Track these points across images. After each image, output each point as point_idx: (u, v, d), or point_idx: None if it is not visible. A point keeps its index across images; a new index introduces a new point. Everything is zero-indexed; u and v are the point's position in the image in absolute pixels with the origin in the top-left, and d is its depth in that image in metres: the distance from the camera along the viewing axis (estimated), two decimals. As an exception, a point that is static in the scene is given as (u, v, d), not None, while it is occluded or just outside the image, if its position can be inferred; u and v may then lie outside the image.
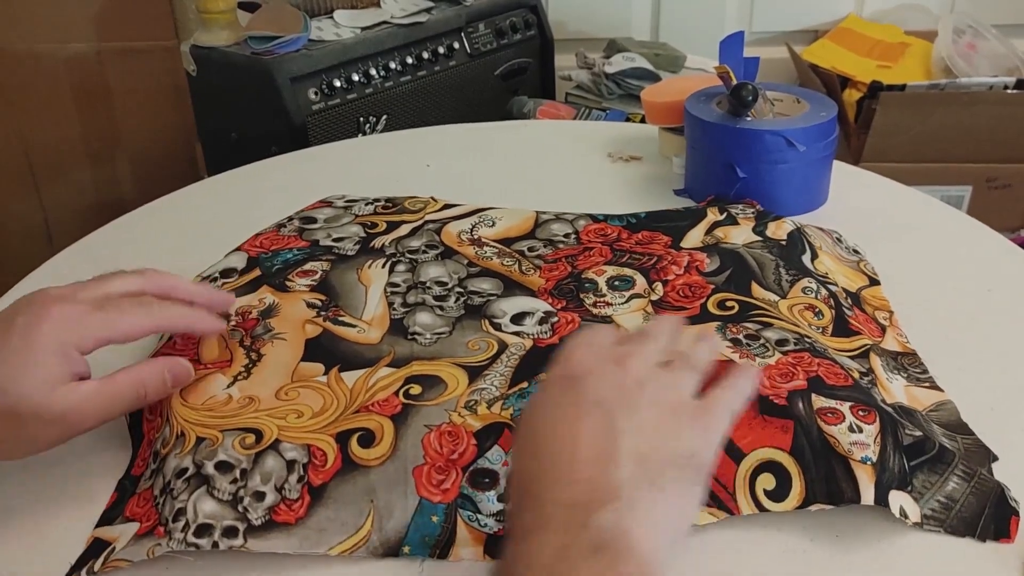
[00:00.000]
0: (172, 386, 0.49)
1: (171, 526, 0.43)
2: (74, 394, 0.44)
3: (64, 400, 0.44)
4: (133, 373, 0.47)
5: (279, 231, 0.70)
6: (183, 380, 0.50)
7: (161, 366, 0.48)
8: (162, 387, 0.48)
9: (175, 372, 0.49)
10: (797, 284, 0.59)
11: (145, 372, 0.47)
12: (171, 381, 0.49)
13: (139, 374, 0.47)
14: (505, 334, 0.56)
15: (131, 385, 0.47)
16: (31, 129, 1.73)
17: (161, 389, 0.48)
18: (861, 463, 0.44)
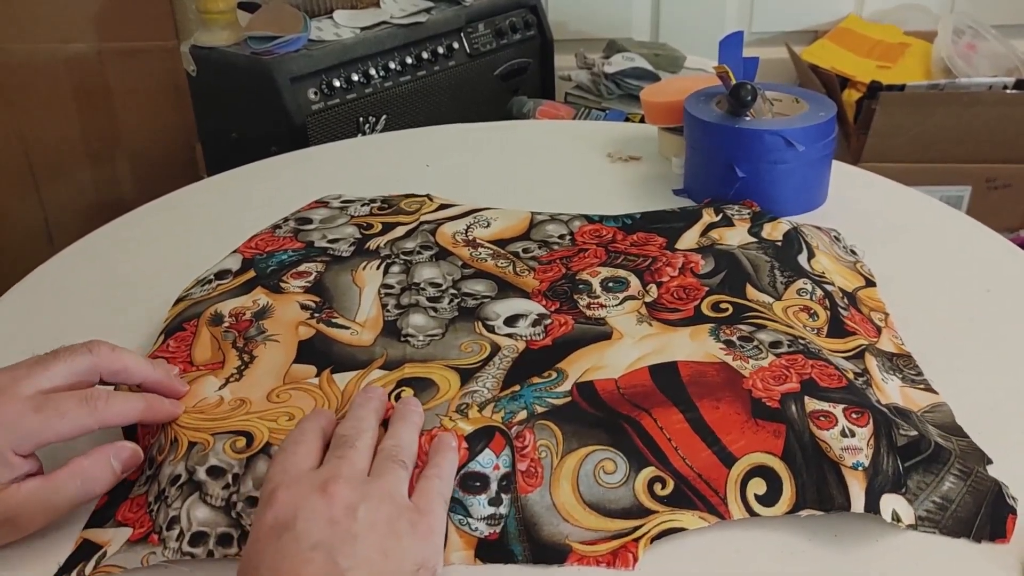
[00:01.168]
0: (122, 472, 0.46)
1: (165, 534, 0.43)
2: (13, 499, 0.42)
3: (4, 505, 0.42)
4: (76, 468, 0.45)
5: (274, 232, 0.70)
6: (132, 464, 0.47)
7: (106, 455, 0.46)
8: (110, 476, 0.46)
9: (122, 457, 0.46)
10: (792, 286, 0.59)
11: (87, 465, 0.45)
12: (119, 467, 0.46)
13: (82, 468, 0.45)
14: (498, 336, 0.55)
15: (73, 481, 0.44)
16: (31, 129, 1.73)
17: (109, 479, 0.46)
18: (852, 469, 0.44)
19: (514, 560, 0.43)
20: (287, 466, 0.42)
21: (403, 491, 0.41)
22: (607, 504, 0.45)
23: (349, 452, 0.43)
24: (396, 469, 0.42)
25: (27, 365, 0.46)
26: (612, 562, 0.43)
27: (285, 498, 0.39)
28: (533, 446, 0.46)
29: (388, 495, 0.41)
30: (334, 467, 0.41)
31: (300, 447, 0.43)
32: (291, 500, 0.39)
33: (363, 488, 0.40)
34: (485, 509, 0.44)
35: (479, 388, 0.50)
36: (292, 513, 0.39)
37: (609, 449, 0.46)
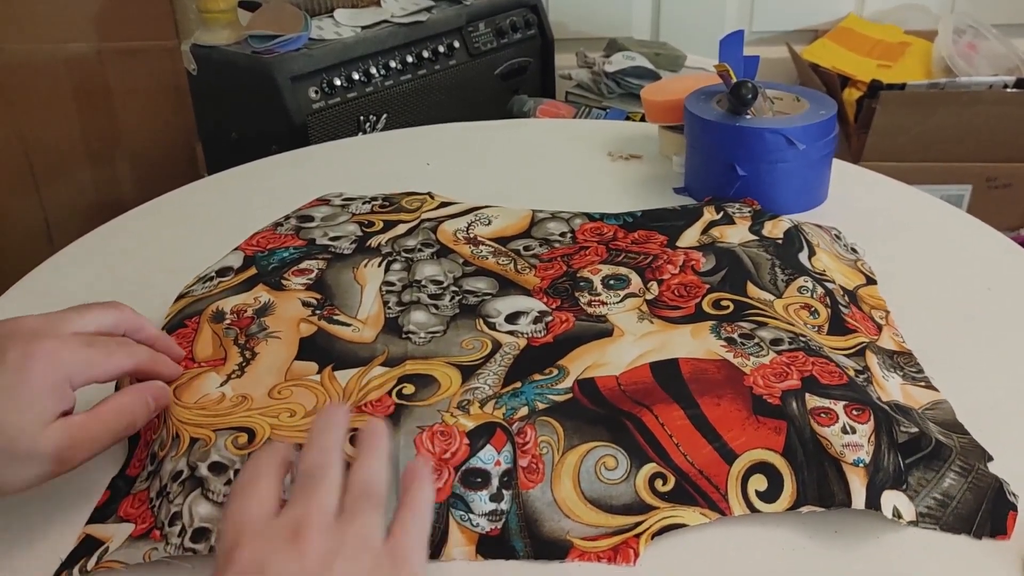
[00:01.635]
0: (154, 410, 0.48)
1: (167, 530, 0.43)
2: (64, 431, 0.43)
3: (56, 438, 0.43)
4: (117, 404, 0.46)
5: (276, 230, 0.70)
6: (163, 402, 0.49)
7: (143, 392, 0.48)
8: (147, 412, 0.47)
9: (155, 395, 0.48)
10: (793, 283, 0.59)
11: (127, 401, 0.47)
12: (153, 404, 0.48)
13: (123, 404, 0.46)
14: (499, 333, 0.55)
15: (118, 416, 0.46)
16: (31, 129, 1.73)
17: (146, 414, 0.47)
18: (853, 466, 0.44)
19: (515, 556, 0.43)
20: (246, 514, 0.37)
21: (379, 535, 0.38)
22: (608, 500, 0.45)
23: (317, 491, 0.38)
24: (369, 511, 0.38)
25: (60, 313, 0.48)
26: (613, 558, 0.43)
27: (250, 555, 0.35)
28: (534, 442, 0.46)
29: (364, 542, 0.37)
30: (302, 510, 0.37)
31: (258, 487, 0.39)
32: (256, 557, 0.35)
33: (338, 536, 0.36)
34: (486, 505, 0.44)
35: (480, 385, 0.50)
36: (259, 569, 0.35)
37: (610, 445, 0.46)
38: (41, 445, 0.42)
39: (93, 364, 0.45)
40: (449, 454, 0.45)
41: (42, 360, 0.43)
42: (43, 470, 0.43)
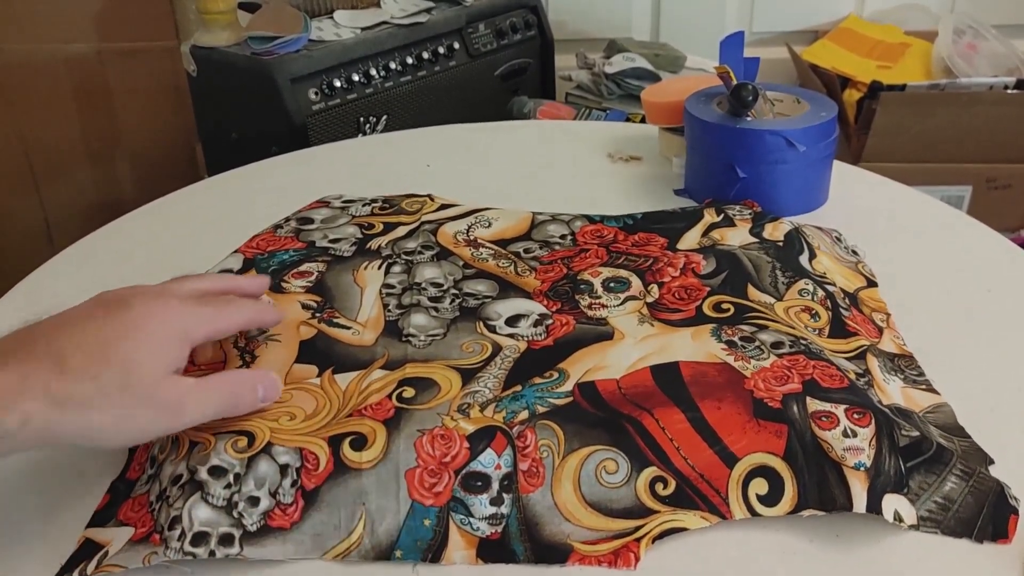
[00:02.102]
0: (262, 399, 0.48)
1: (167, 534, 0.43)
2: (179, 386, 0.44)
3: (172, 390, 0.44)
4: (228, 377, 0.48)
5: (276, 232, 0.70)
6: (272, 395, 0.48)
7: (254, 377, 0.48)
8: (253, 398, 0.47)
9: (266, 385, 0.48)
10: (794, 286, 0.59)
11: (238, 379, 0.48)
12: (261, 393, 0.48)
13: (233, 379, 0.48)
14: (499, 336, 0.55)
15: (225, 387, 0.46)
16: (31, 129, 1.73)
17: (252, 401, 0.47)
18: (854, 469, 0.44)
19: (516, 560, 0.43)
20: None
21: None
22: (609, 504, 0.45)
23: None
24: None
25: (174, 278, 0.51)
26: (614, 562, 0.43)
27: None
28: (535, 446, 0.46)
29: None
30: None
31: None
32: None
33: None
34: (487, 509, 0.44)
35: (480, 388, 0.50)
36: None
37: (611, 449, 0.46)
38: (162, 390, 0.43)
39: (209, 319, 0.47)
40: (449, 458, 0.45)
41: (164, 313, 0.45)
42: (156, 418, 0.43)
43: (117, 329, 0.43)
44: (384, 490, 0.44)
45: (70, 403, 0.40)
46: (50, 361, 0.41)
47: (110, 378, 0.41)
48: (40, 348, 0.41)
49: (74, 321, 0.43)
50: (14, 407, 0.39)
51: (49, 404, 0.40)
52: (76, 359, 0.41)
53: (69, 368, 0.41)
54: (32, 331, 0.43)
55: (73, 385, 0.40)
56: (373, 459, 0.45)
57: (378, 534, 0.44)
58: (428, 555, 0.43)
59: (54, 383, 0.40)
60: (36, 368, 0.40)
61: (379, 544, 0.44)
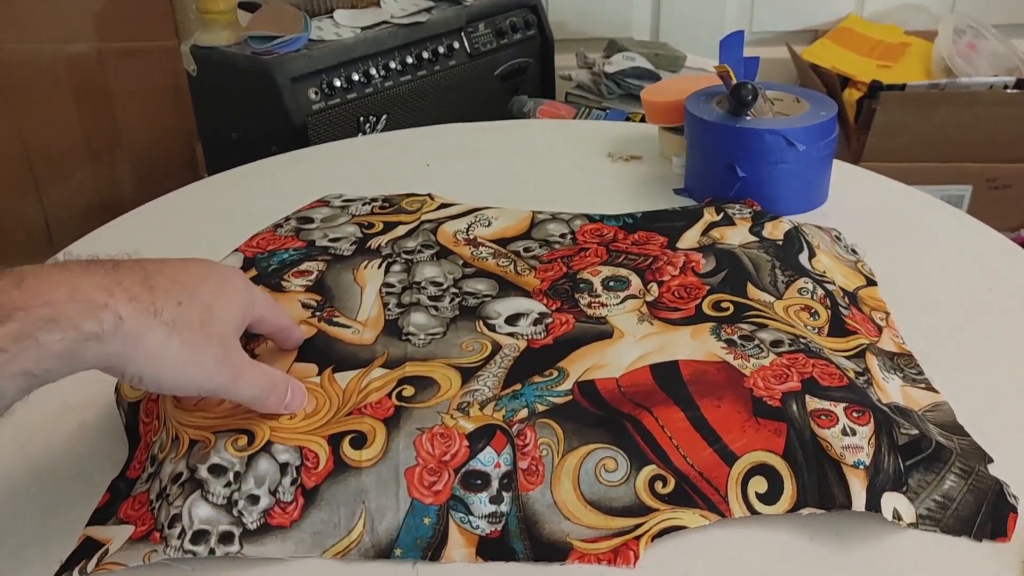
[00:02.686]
0: (285, 408, 0.47)
1: (167, 532, 0.43)
2: (243, 354, 0.45)
3: (239, 353, 0.44)
4: (270, 373, 0.47)
5: (276, 231, 0.70)
6: (295, 406, 0.48)
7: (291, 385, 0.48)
8: (279, 403, 0.47)
9: (295, 393, 0.48)
10: (793, 285, 0.59)
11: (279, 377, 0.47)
12: (289, 398, 0.47)
13: (275, 376, 0.47)
14: (499, 335, 0.55)
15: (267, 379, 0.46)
16: (31, 129, 1.73)
17: (278, 403, 0.47)
18: (853, 467, 0.44)
19: (515, 558, 0.43)
20: None
21: None
22: (608, 502, 0.45)
23: None
24: None
25: None
26: (613, 560, 0.43)
27: None
28: (534, 444, 0.46)
29: None
30: None
31: None
32: None
33: None
34: (486, 507, 0.44)
35: (480, 387, 0.50)
36: None
37: (610, 447, 0.46)
38: (231, 346, 0.44)
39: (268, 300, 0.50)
40: (449, 456, 0.45)
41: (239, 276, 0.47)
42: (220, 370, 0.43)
43: (200, 272, 0.44)
44: (384, 488, 0.45)
45: (159, 316, 0.40)
46: (140, 275, 0.40)
47: (191, 309, 0.41)
48: (128, 264, 0.41)
49: (159, 260, 0.44)
50: (110, 307, 0.38)
51: (140, 311, 0.39)
52: (163, 282, 0.41)
53: (157, 286, 0.40)
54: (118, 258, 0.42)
55: (160, 302, 0.40)
56: (373, 458, 0.46)
57: (378, 532, 0.44)
58: (428, 553, 0.43)
59: (145, 294, 0.40)
60: (127, 277, 0.40)
61: (379, 542, 0.44)
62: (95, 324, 0.37)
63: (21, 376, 0.36)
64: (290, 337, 0.53)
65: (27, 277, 0.38)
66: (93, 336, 0.37)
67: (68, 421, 0.54)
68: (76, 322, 0.37)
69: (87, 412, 0.55)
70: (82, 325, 0.37)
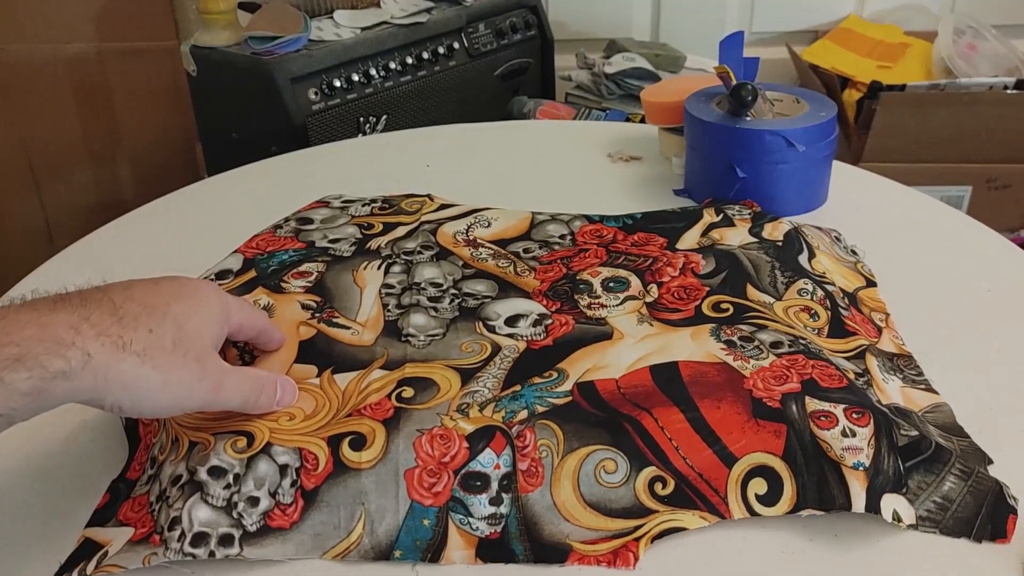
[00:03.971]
0: (277, 401, 0.48)
1: (167, 534, 0.43)
2: (221, 364, 0.45)
3: (217, 364, 0.45)
4: (256, 375, 0.47)
5: (275, 232, 0.70)
6: (287, 401, 0.49)
7: (276, 379, 0.48)
8: (271, 401, 0.48)
9: (285, 389, 0.49)
10: (793, 286, 0.59)
11: (264, 376, 0.48)
12: (279, 395, 0.48)
13: (259, 375, 0.48)
14: (499, 336, 0.55)
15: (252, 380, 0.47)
16: (31, 129, 1.73)
17: (269, 402, 0.47)
18: (853, 469, 0.44)
19: (515, 560, 0.43)
20: None
21: None
22: (608, 504, 0.45)
23: None
24: None
25: None
26: (613, 561, 0.43)
27: None
28: (534, 446, 0.46)
29: None
30: None
31: None
32: None
33: None
34: (486, 508, 0.44)
35: (480, 388, 0.50)
36: None
37: (610, 449, 0.46)
38: (209, 360, 0.44)
39: (244, 307, 0.50)
40: (448, 457, 0.45)
41: (211, 289, 0.48)
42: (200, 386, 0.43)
43: (170, 292, 0.44)
44: (383, 490, 0.45)
45: (129, 348, 0.40)
46: (108, 307, 0.41)
47: (163, 333, 0.42)
48: (94, 297, 0.41)
49: (128, 283, 0.44)
50: (76, 344, 0.38)
51: (109, 345, 0.39)
52: (132, 309, 0.41)
53: (127, 315, 0.41)
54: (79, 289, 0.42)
55: (131, 333, 0.40)
56: (372, 459, 0.46)
57: (378, 534, 0.44)
58: (427, 555, 0.43)
59: (113, 327, 0.40)
60: (95, 311, 0.40)
61: (379, 544, 0.44)
62: (63, 362, 0.38)
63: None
64: (271, 339, 0.53)
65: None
66: (60, 374, 0.37)
67: (68, 421, 0.54)
68: (43, 360, 0.37)
69: (87, 412, 0.54)
70: (49, 364, 0.37)
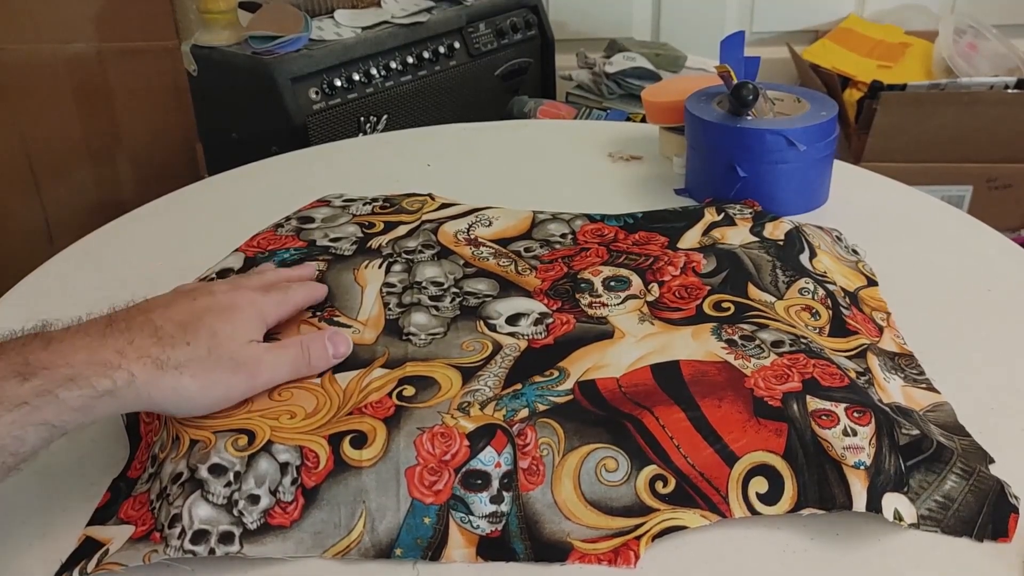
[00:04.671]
0: (334, 355, 0.52)
1: (167, 532, 0.43)
2: (256, 349, 0.50)
3: (250, 351, 0.49)
4: (298, 340, 0.52)
5: (276, 231, 0.70)
6: (343, 350, 0.53)
7: (323, 335, 0.53)
8: (324, 354, 0.52)
9: (335, 340, 0.53)
10: (794, 285, 0.59)
11: (308, 337, 0.52)
12: (332, 349, 0.52)
13: (302, 339, 0.52)
14: (500, 335, 0.55)
15: (295, 346, 0.51)
16: (31, 129, 1.73)
17: (323, 356, 0.52)
18: (854, 468, 0.44)
19: (516, 558, 0.43)
20: None
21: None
22: (609, 502, 0.45)
23: None
24: None
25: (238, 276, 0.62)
26: (614, 560, 0.43)
27: None
28: (535, 444, 0.46)
29: None
30: None
31: None
32: None
33: None
34: (487, 507, 0.44)
35: (481, 387, 0.50)
36: None
37: (611, 447, 0.46)
38: (240, 353, 0.48)
39: (279, 303, 0.54)
40: (449, 456, 0.45)
41: (243, 298, 0.51)
42: (235, 377, 0.48)
43: (204, 307, 0.49)
44: (384, 488, 0.45)
45: (167, 365, 0.45)
46: (149, 330, 0.46)
47: (198, 344, 0.47)
48: (138, 320, 0.47)
49: (164, 303, 0.49)
50: (122, 366, 0.44)
51: (150, 365, 0.45)
52: (169, 329, 0.47)
53: (165, 335, 0.46)
54: (127, 310, 0.49)
55: (169, 351, 0.46)
56: (373, 457, 0.45)
57: (378, 532, 0.44)
58: (428, 553, 0.43)
59: (154, 348, 0.45)
60: (138, 335, 0.46)
61: (379, 542, 0.44)
62: (109, 382, 0.43)
63: (43, 426, 0.42)
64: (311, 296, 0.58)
65: (53, 341, 0.44)
66: (107, 392, 0.43)
67: (68, 421, 0.54)
68: (92, 381, 0.43)
69: (87, 412, 0.54)
70: (98, 384, 0.43)
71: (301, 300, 0.57)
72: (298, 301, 0.56)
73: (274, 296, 0.54)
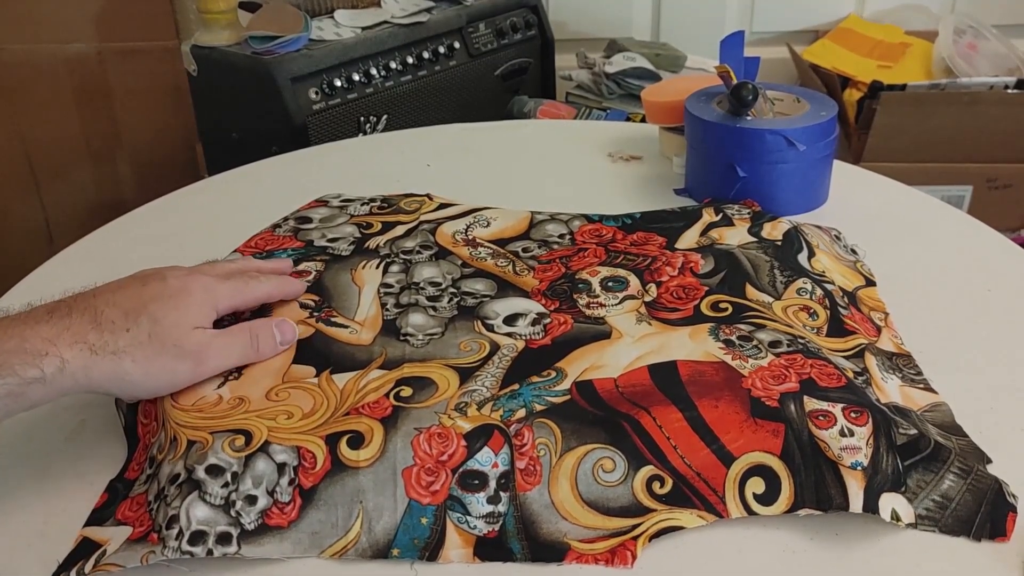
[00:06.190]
0: (281, 342, 0.53)
1: (165, 533, 0.43)
2: (202, 336, 0.50)
3: (196, 338, 0.49)
4: (245, 326, 0.53)
5: (274, 231, 0.70)
6: (289, 337, 0.54)
7: (270, 321, 0.54)
8: (271, 340, 0.53)
9: (282, 328, 0.54)
10: (792, 285, 0.59)
11: (256, 324, 0.53)
12: (280, 336, 0.53)
13: (250, 326, 0.53)
14: (497, 335, 0.55)
15: (244, 333, 0.52)
16: (32, 129, 1.73)
17: (271, 343, 0.53)
18: (851, 468, 0.44)
19: (513, 558, 0.43)
20: None
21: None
22: (606, 502, 0.45)
23: None
24: None
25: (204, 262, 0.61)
26: (611, 560, 0.43)
27: None
28: (532, 444, 0.46)
29: None
30: None
31: None
32: None
33: None
34: (484, 507, 0.44)
35: (478, 387, 0.50)
36: None
37: (608, 447, 0.46)
38: (187, 341, 0.49)
39: (234, 291, 0.54)
40: (446, 456, 0.45)
41: (195, 283, 0.51)
42: (180, 364, 0.48)
43: (151, 294, 0.49)
44: (381, 488, 0.45)
45: (104, 351, 0.46)
46: (89, 315, 0.46)
47: (139, 331, 0.47)
48: (80, 306, 0.47)
49: (113, 288, 0.49)
50: (52, 354, 0.44)
51: (85, 351, 0.45)
52: (111, 314, 0.47)
53: (104, 321, 0.46)
54: (75, 296, 0.49)
55: (108, 336, 0.46)
56: (370, 457, 0.45)
57: (375, 532, 0.44)
58: (425, 553, 0.43)
59: (91, 334, 0.46)
60: (76, 322, 0.46)
61: (376, 542, 0.44)
62: (36, 371, 0.44)
63: None
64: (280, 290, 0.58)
65: None
66: (36, 380, 0.44)
67: (68, 421, 0.54)
68: (17, 369, 0.43)
69: (87, 412, 0.55)
70: (23, 372, 0.43)
71: (264, 292, 0.57)
72: (260, 293, 0.56)
73: (232, 283, 0.54)
